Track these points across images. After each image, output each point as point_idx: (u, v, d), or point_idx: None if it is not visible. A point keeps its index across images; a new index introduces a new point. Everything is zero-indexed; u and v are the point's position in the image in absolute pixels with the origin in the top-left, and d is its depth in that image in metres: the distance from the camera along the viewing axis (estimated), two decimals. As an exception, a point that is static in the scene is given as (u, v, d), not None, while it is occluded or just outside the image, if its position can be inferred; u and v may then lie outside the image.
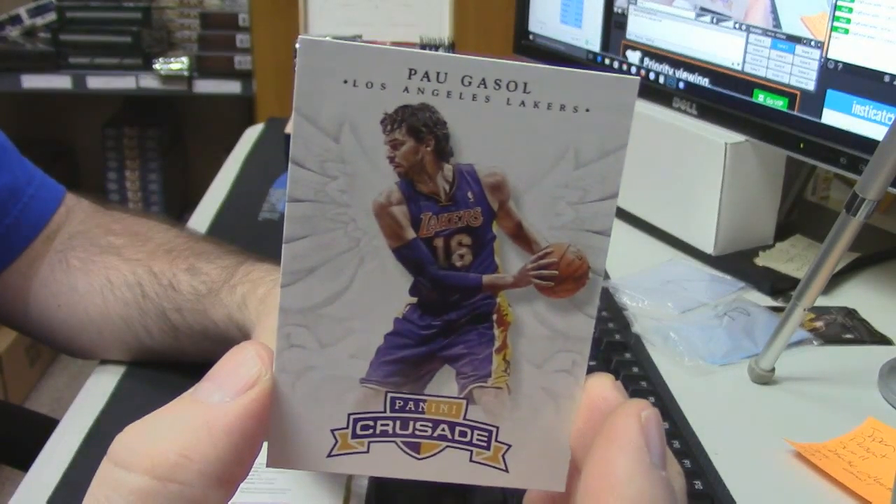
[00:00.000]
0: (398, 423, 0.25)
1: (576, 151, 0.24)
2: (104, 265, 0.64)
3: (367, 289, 0.24)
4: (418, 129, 0.23)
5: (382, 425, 0.25)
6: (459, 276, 0.24)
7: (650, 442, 0.23)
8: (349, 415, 0.25)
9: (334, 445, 0.25)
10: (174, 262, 0.63)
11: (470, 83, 0.23)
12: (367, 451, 0.25)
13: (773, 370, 0.65)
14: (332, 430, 0.25)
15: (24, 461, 0.57)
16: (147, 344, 0.63)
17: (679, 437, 0.55)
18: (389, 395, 0.25)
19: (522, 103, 0.23)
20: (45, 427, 0.61)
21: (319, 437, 0.25)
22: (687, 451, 0.54)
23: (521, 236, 0.24)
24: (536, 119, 0.23)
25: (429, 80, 0.23)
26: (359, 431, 0.25)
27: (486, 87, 0.23)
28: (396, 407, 0.25)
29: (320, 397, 0.25)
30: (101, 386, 0.63)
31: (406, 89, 0.23)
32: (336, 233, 0.24)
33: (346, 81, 0.23)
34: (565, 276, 0.25)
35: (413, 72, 0.23)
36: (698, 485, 0.50)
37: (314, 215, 0.24)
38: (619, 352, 0.64)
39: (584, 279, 0.25)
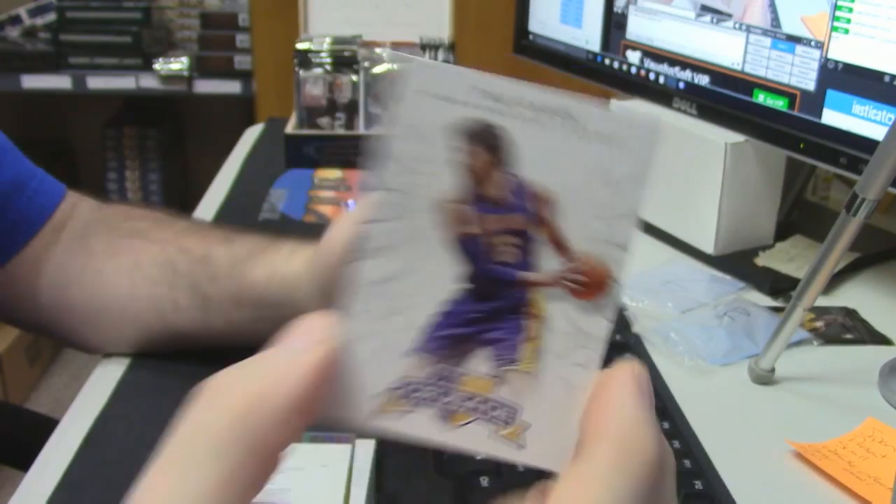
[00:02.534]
0: (437, 392, 0.29)
1: (610, 174, 0.28)
2: (130, 248, 0.64)
3: (427, 271, 0.29)
4: (487, 142, 0.28)
5: (423, 393, 0.29)
6: (505, 270, 0.29)
7: (642, 389, 0.27)
8: (397, 380, 0.29)
9: (379, 406, 0.29)
10: (205, 238, 0.63)
11: (531, 108, 0.28)
12: (407, 414, 0.29)
13: (773, 370, 0.65)
14: (379, 392, 0.29)
15: (24, 462, 0.57)
16: (170, 321, 0.62)
17: (679, 437, 0.55)
18: (433, 366, 0.29)
19: (571, 129, 0.28)
20: (45, 427, 0.61)
21: (367, 398, 0.29)
22: (687, 451, 0.54)
23: (558, 243, 0.29)
24: (581, 144, 0.28)
25: (500, 102, 0.28)
26: (402, 396, 0.29)
27: (543, 113, 0.28)
28: (438, 378, 0.29)
29: (374, 361, 0.29)
30: (101, 386, 0.63)
31: (481, 107, 0.28)
32: (410, 220, 0.28)
33: (434, 96, 0.28)
34: (591, 283, 0.29)
35: (488, 93, 0.28)
36: (698, 485, 0.50)
37: (394, 203, 0.28)
38: (619, 352, 0.64)
39: (606, 286, 0.28)
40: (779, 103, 0.80)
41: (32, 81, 2.20)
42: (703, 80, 0.88)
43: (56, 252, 0.67)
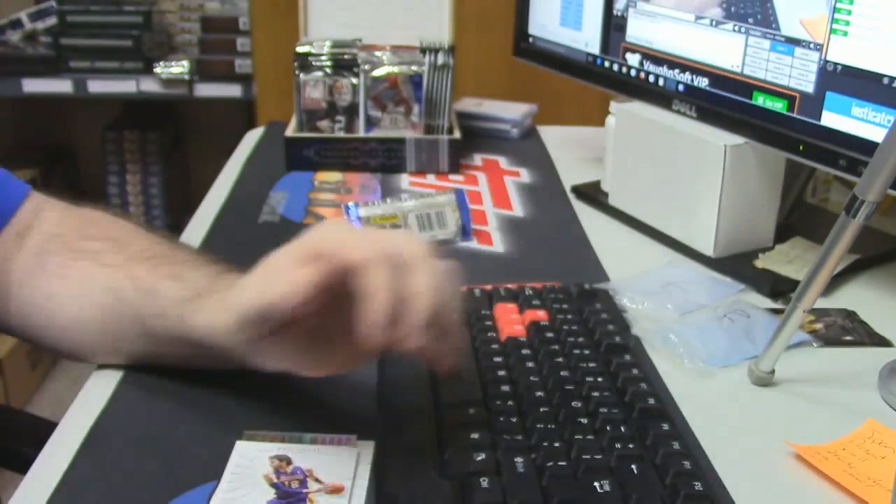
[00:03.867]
0: None
1: None
2: (79, 271, 0.64)
3: None
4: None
5: None
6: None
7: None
8: None
9: None
10: (156, 269, 0.62)
11: None
12: None
13: (772, 372, 0.65)
14: None
15: (25, 466, 0.57)
16: (126, 348, 0.63)
17: (679, 438, 0.55)
18: None
19: None
20: (46, 431, 0.61)
21: None
22: (687, 453, 0.54)
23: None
24: None
25: None
26: None
27: None
28: None
29: None
30: (100, 387, 0.63)
31: None
32: None
33: None
34: None
35: None
36: (698, 486, 0.50)
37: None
38: (619, 354, 0.64)
39: None
40: (778, 105, 0.80)
41: (33, 85, 2.20)
42: (702, 82, 0.88)
43: (18, 264, 0.66)
